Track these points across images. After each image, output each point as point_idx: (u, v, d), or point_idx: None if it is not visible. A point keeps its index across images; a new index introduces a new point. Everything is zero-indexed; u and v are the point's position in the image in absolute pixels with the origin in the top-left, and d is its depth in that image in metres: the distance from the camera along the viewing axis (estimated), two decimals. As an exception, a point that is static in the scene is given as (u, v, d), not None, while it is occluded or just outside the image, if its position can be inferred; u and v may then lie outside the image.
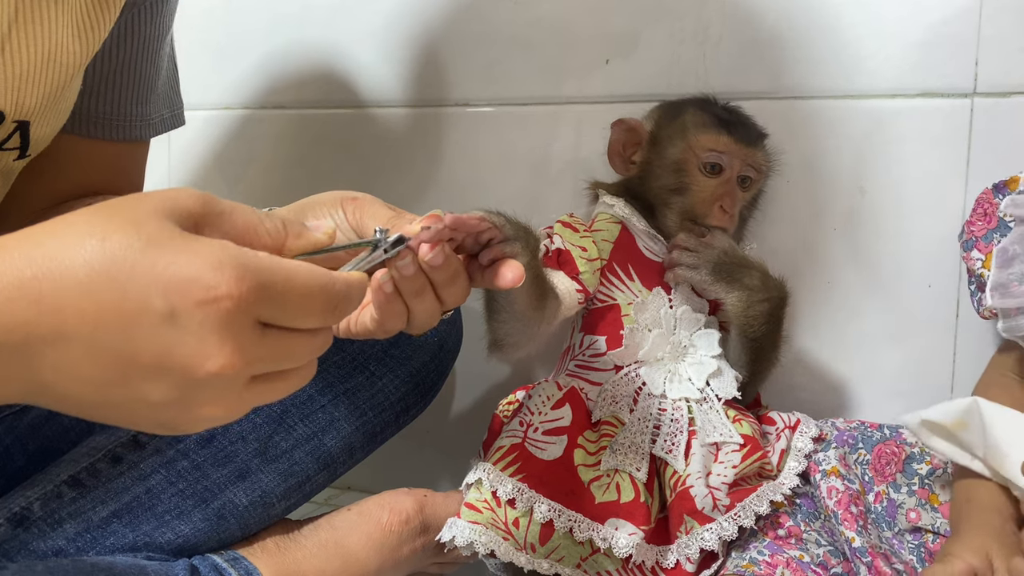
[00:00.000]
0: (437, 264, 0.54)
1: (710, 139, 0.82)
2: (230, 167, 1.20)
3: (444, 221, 0.54)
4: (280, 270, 0.43)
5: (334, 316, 0.46)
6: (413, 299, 0.56)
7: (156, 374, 0.42)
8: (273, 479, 0.76)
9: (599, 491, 0.74)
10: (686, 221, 0.82)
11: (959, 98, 0.87)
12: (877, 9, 0.88)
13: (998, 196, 0.68)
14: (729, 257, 0.79)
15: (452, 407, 1.09)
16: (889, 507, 0.73)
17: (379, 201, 0.59)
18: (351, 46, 1.10)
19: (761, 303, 0.78)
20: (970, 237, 0.67)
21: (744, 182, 0.84)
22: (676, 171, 0.82)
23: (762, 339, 0.80)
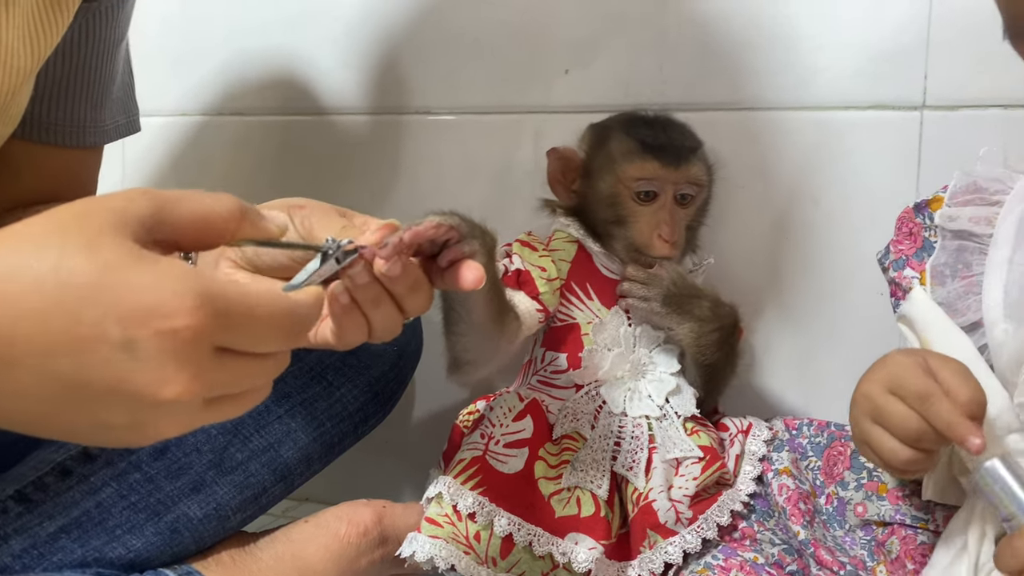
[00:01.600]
0: (395, 275, 0.52)
1: (637, 168, 0.79)
2: (187, 174, 1.17)
3: (401, 236, 0.52)
4: (240, 297, 0.42)
5: (294, 341, 0.45)
6: (371, 309, 0.54)
7: (111, 400, 0.40)
8: (228, 491, 0.74)
9: (559, 505, 0.73)
10: (632, 251, 0.81)
11: (909, 111, 0.87)
12: (830, 23, 0.89)
13: (919, 215, 0.67)
14: (678, 288, 0.78)
15: (412, 416, 1.08)
16: (839, 506, 0.74)
17: (327, 206, 0.57)
18: (311, 52, 1.08)
19: (712, 332, 0.78)
20: (899, 256, 0.67)
21: (684, 199, 0.81)
22: (611, 204, 0.81)
23: (715, 364, 0.79)
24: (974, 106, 0.85)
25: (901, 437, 0.53)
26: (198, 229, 0.44)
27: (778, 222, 0.92)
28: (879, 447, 0.54)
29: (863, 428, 0.55)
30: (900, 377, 0.53)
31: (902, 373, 0.53)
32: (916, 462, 0.54)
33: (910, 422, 0.52)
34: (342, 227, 0.55)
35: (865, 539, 0.71)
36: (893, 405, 0.53)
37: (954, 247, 0.63)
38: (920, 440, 0.52)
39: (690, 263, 0.85)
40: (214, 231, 0.45)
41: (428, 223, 0.54)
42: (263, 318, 0.42)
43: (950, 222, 0.63)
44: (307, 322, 0.45)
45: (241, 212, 0.46)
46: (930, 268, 0.64)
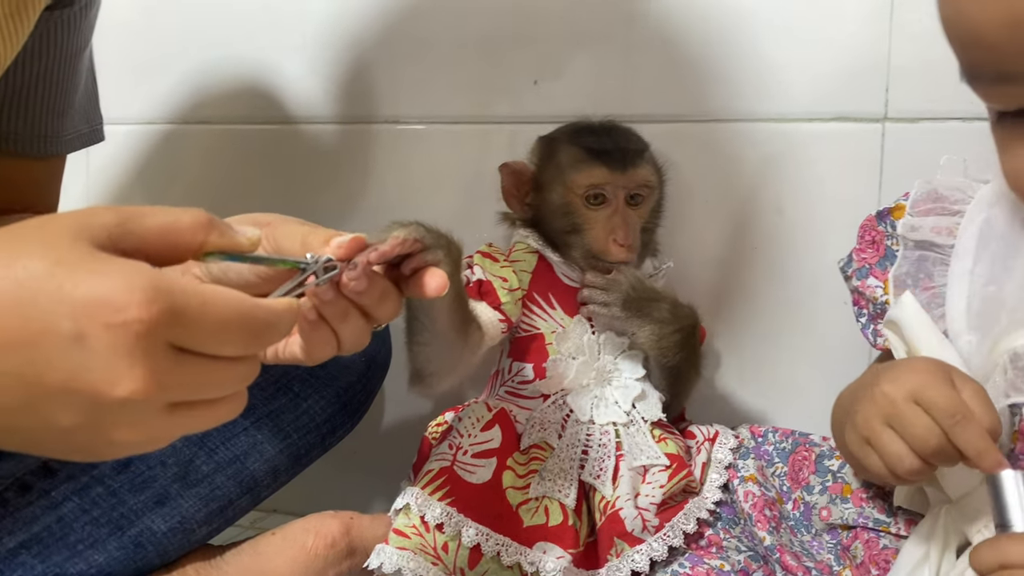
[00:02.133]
0: (361, 290, 0.52)
1: (585, 175, 0.80)
2: (153, 183, 1.16)
3: (368, 257, 0.52)
4: (196, 294, 0.40)
5: (256, 344, 0.43)
6: (339, 323, 0.53)
7: (63, 398, 0.39)
8: (193, 504, 0.73)
9: (527, 515, 0.73)
10: (590, 259, 0.81)
11: (871, 123, 0.88)
12: (793, 36, 0.90)
13: (881, 224, 0.67)
14: (637, 292, 0.78)
15: (381, 427, 1.07)
16: (805, 511, 0.74)
17: (291, 220, 0.56)
18: (278, 61, 1.07)
19: (673, 334, 0.78)
20: (863, 265, 0.66)
21: (635, 200, 0.82)
22: (564, 214, 0.81)
23: (678, 365, 0.80)
24: (934, 118, 0.86)
25: (917, 448, 0.51)
26: (164, 240, 0.43)
27: (743, 231, 0.93)
28: (885, 450, 0.52)
29: (872, 427, 0.53)
30: (928, 388, 0.51)
31: (930, 384, 0.51)
32: (920, 473, 0.52)
33: (931, 437, 0.50)
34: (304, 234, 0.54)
35: (831, 543, 0.71)
36: (917, 416, 0.51)
37: (916, 257, 0.63)
38: (936, 455, 0.50)
39: (651, 267, 0.86)
40: (181, 242, 0.44)
41: (393, 240, 0.53)
42: (220, 316, 0.41)
43: (912, 232, 0.63)
44: (270, 328, 0.43)
45: (209, 223, 0.45)
46: (892, 278, 0.63)
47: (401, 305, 0.56)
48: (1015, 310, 0.55)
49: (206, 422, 0.44)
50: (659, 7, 0.94)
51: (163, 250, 0.43)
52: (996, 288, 0.57)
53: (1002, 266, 0.57)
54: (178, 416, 0.42)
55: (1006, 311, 0.56)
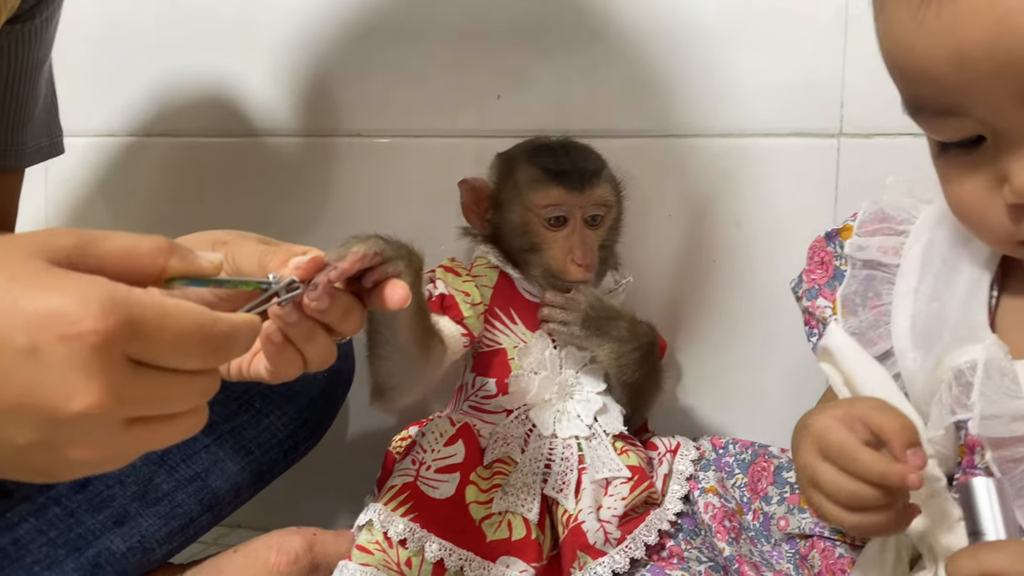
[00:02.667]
0: (323, 308, 0.52)
1: (543, 196, 0.80)
2: (113, 196, 1.14)
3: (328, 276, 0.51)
4: (154, 305, 0.40)
5: (216, 358, 0.43)
6: (305, 344, 0.53)
7: (19, 415, 0.38)
8: (154, 523, 0.72)
9: (490, 529, 0.72)
10: (549, 277, 0.81)
11: (827, 138, 0.90)
12: (751, 54, 0.91)
13: (830, 244, 0.67)
14: (596, 311, 0.78)
15: (346, 441, 1.06)
16: (764, 521, 0.74)
17: (250, 237, 0.55)
18: (241, 73, 1.06)
19: (632, 352, 0.79)
20: (812, 285, 0.67)
21: (594, 220, 0.82)
22: (523, 233, 0.81)
23: (638, 381, 0.80)
24: (888, 134, 0.88)
25: (839, 502, 0.51)
26: (123, 264, 0.43)
27: (703, 245, 0.94)
28: (823, 512, 0.53)
29: (809, 496, 0.54)
30: (824, 438, 0.51)
31: (824, 434, 0.51)
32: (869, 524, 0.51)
33: (840, 489, 0.50)
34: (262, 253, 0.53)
35: (790, 552, 0.72)
36: (826, 471, 0.51)
37: (863, 276, 0.63)
38: (853, 501, 0.50)
39: (611, 281, 0.86)
40: (140, 267, 0.43)
41: (352, 257, 0.53)
42: (179, 329, 0.40)
43: (859, 252, 0.63)
44: (229, 341, 0.43)
45: (170, 248, 0.44)
46: (841, 298, 0.63)
47: (364, 319, 0.56)
48: (957, 327, 0.56)
49: (166, 438, 0.43)
50: (620, 24, 0.94)
51: (122, 275, 0.42)
52: (939, 305, 0.57)
53: (945, 284, 0.58)
54: (136, 432, 0.41)
55: (948, 328, 0.56)
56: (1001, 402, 0.51)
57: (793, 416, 0.93)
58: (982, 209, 0.51)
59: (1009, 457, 0.51)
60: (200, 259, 0.45)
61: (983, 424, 0.51)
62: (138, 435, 0.41)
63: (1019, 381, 0.51)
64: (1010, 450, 0.51)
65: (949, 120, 0.49)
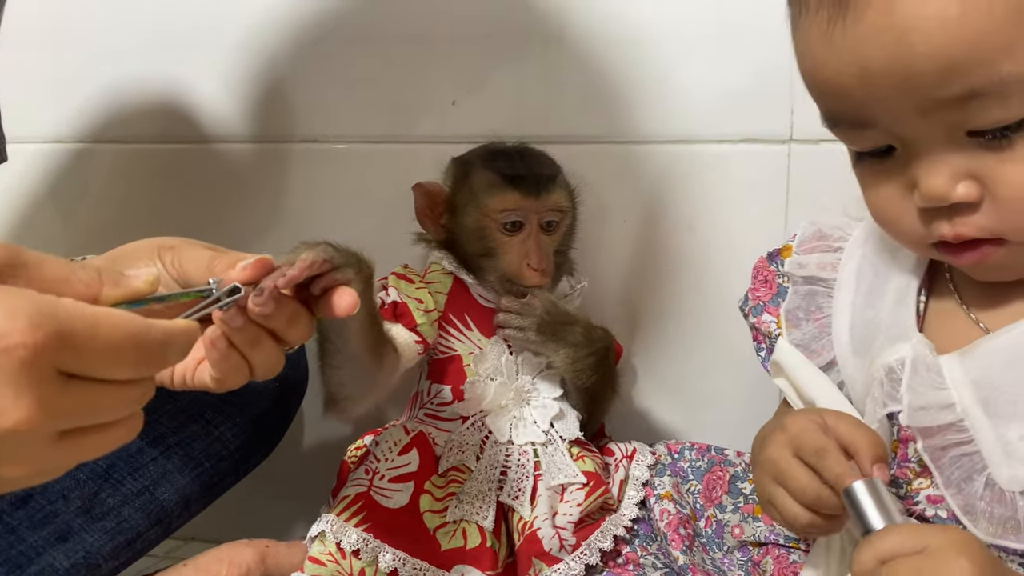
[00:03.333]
0: (268, 313, 0.50)
1: (499, 200, 0.79)
2: (62, 203, 1.11)
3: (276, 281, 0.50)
4: (84, 316, 0.38)
5: (150, 367, 0.41)
6: (250, 350, 0.52)
7: None
8: (99, 538, 0.69)
9: (445, 538, 0.71)
10: (505, 282, 0.80)
11: (777, 144, 0.90)
12: (702, 61, 0.91)
13: (772, 263, 0.70)
14: (551, 316, 0.78)
15: (302, 451, 1.04)
16: (718, 529, 0.75)
17: (197, 244, 0.54)
18: (192, 79, 1.04)
19: (587, 357, 0.78)
20: (757, 303, 0.69)
21: (549, 226, 0.81)
22: (479, 238, 0.80)
23: (594, 386, 0.80)
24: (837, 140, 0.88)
25: (802, 500, 0.52)
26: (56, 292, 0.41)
27: (657, 250, 0.94)
28: (781, 510, 0.54)
29: (768, 490, 0.55)
30: (800, 438, 0.53)
31: (802, 434, 0.53)
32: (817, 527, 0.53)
33: (809, 488, 0.52)
34: (210, 259, 0.52)
35: (742, 560, 0.72)
36: (795, 468, 0.53)
37: (805, 291, 0.65)
38: (818, 502, 0.52)
39: (567, 286, 0.85)
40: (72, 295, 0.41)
41: (301, 264, 0.52)
42: (111, 339, 0.39)
43: (799, 269, 0.66)
44: (165, 349, 0.42)
45: (99, 278, 0.43)
46: (784, 313, 0.66)
47: (313, 326, 0.55)
48: (888, 329, 0.58)
49: (100, 448, 0.42)
50: (575, 31, 0.94)
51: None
52: (874, 313, 0.60)
53: (878, 292, 0.60)
54: (69, 444, 0.40)
55: (881, 331, 0.58)
56: (927, 394, 0.53)
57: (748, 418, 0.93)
58: (898, 214, 0.53)
59: (937, 446, 0.53)
60: (133, 280, 0.44)
61: (912, 415, 0.53)
62: (71, 447, 0.40)
63: (943, 374, 0.53)
64: (937, 439, 0.53)
65: (861, 132, 0.52)
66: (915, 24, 0.46)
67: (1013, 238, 0.51)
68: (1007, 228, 0.50)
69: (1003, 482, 0.50)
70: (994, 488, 0.51)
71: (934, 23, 0.46)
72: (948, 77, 0.46)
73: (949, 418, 0.52)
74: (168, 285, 0.53)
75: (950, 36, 0.45)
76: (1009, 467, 0.50)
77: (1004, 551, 0.52)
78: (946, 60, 0.46)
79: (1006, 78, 0.46)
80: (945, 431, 0.52)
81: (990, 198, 0.49)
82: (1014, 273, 0.54)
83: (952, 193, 0.49)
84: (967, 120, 0.48)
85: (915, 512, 0.56)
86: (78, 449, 0.40)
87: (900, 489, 0.56)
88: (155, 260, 0.53)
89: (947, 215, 0.51)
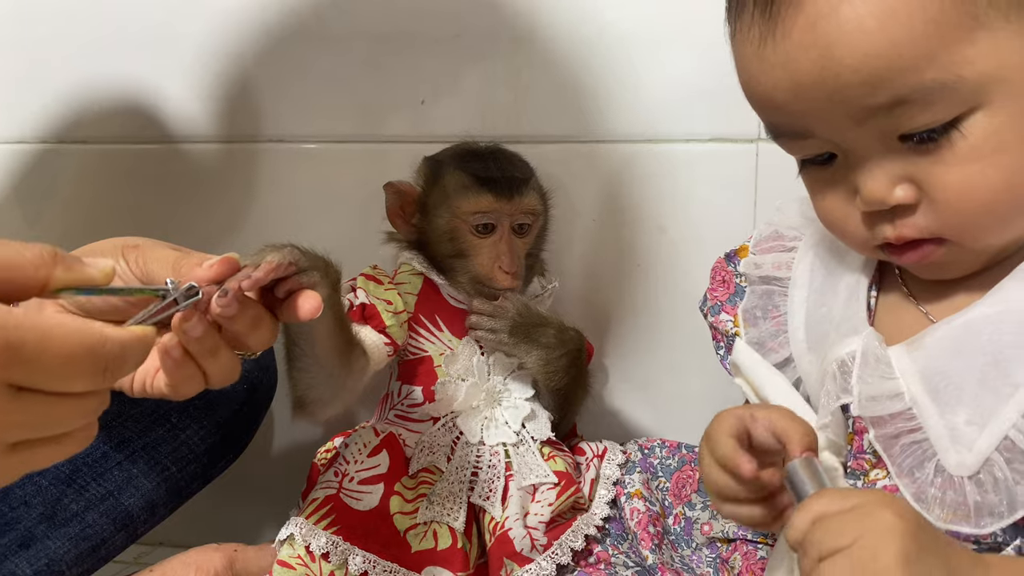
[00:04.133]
0: (231, 315, 0.49)
1: (472, 203, 0.78)
2: (29, 204, 1.09)
3: (240, 283, 0.49)
4: (34, 328, 0.37)
5: (105, 378, 0.40)
6: (207, 359, 0.50)
7: None
8: (63, 545, 0.68)
9: (415, 540, 0.71)
10: (476, 284, 0.79)
11: (745, 143, 0.90)
12: (671, 61, 0.91)
13: (730, 264, 0.71)
14: (524, 318, 0.77)
15: (271, 453, 1.03)
16: (686, 526, 0.75)
17: (162, 244, 0.53)
18: (158, 79, 1.02)
19: (560, 358, 0.78)
20: (715, 303, 0.70)
21: (522, 228, 0.81)
22: (450, 239, 0.80)
23: (566, 387, 0.79)
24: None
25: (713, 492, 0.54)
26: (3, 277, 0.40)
27: (628, 249, 0.94)
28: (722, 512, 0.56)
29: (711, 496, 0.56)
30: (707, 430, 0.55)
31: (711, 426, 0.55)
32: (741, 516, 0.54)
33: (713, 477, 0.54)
34: (176, 259, 0.51)
35: (710, 556, 0.72)
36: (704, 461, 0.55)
37: (761, 291, 0.66)
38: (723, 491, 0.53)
39: (538, 286, 0.85)
40: (22, 278, 0.40)
41: (266, 266, 0.51)
42: (62, 351, 0.38)
43: (755, 269, 0.67)
44: (119, 360, 0.40)
45: (53, 259, 0.41)
46: (741, 312, 0.67)
47: (276, 331, 0.54)
48: (840, 324, 0.59)
49: (52, 458, 0.41)
50: (543, 30, 0.93)
51: (2, 286, 0.39)
52: (827, 310, 0.61)
53: (830, 290, 0.62)
54: (20, 456, 0.39)
55: (833, 327, 0.59)
56: (877, 384, 0.54)
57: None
58: (843, 218, 0.55)
59: (889, 435, 0.54)
60: (88, 268, 0.42)
61: (863, 405, 0.54)
62: (22, 459, 0.39)
63: (892, 365, 0.54)
64: (889, 428, 0.54)
65: (801, 141, 0.54)
66: (838, 38, 0.48)
67: (952, 237, 0.52)
68: (945, 228, 0.52)
69: (951, 467, 0.51)
70: (944, 474, 0.51)
71: (856, 36, 0.48)
72: (873, 86, 0.48)
73: (898, 407, 0.53)
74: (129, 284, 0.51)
75: (872, 48, 0.47)
76: (956, 452, 0.51)
77: (957, 536, 0.52)
78: (870, 71, 0.48)
79: (928, 84, 0.48)
80: (895, 420, 0.53)
81: (927, 200, 0.51)
82: (957, 270, 0.55)
83: (890, 197, 0.51)
84: (897, 126, 0.49)
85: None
86: (29, 460, 0.39)
87: (858, 481, 0.57)
88: (119, 259, 0.51)
89: (889, 218, 0.53)
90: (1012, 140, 0.49)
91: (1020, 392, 0.49)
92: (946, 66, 0.47)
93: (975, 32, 0.47)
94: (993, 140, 0.49)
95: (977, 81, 0.48)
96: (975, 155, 0.49)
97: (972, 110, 0.49)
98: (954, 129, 0.49)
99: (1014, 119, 0.49)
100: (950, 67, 0.47)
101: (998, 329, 0.51)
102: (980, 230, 0.52)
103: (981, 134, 0.49)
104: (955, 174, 0.50)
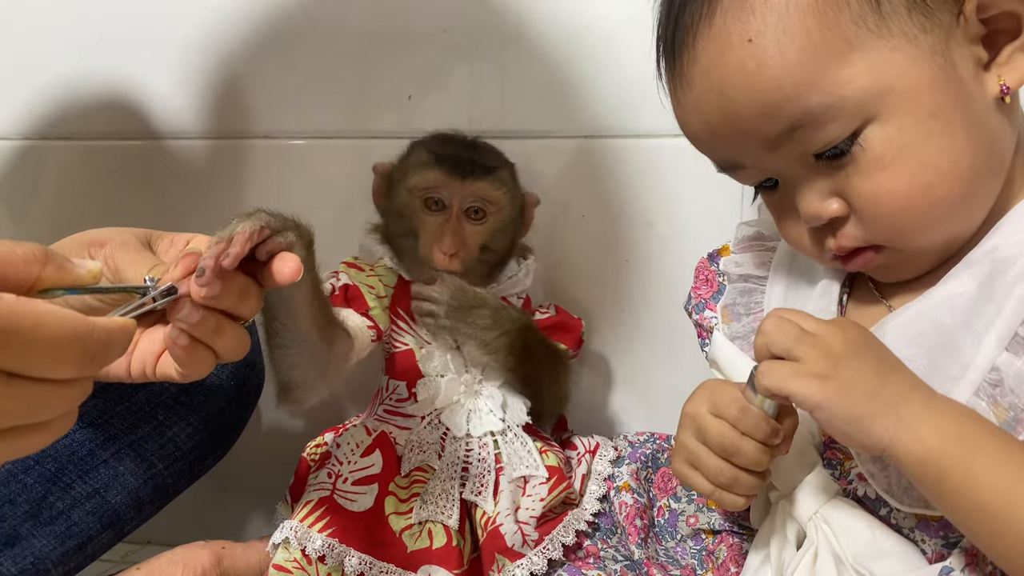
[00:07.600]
0: (214, 295, 0.48)
1: (422, 177, 0.77)
2: (14, 202, 1.07)
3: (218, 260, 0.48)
4: (27, 315, 0.37)
5: (92, 366, 0.40)
6: (214, 339, 0.50)
7: None
8: (48, 543, 0.66)
9: (411, 540, 0.70)
10: (420, 266, 0.78)
11: (733, 138, 0.90)
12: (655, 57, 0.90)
13: (713, 263, 0.72)
14: (459, 300, 0.75)
15: (258, 448, 1.01)
16: (671, 518, 0.75)
17: (130, 238, 0.52)
18: (143, 75, 1.01)
19: (498, 338, 0.76)
20: (699, 300, 0.71)
21: (476, 214, 0.79)
22: (402, 215, 0.79)
23: (521, 368, 0.77)
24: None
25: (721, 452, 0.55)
26: None
27: (616, 244, 0.93)
28: (704, 465, 0.56)
29: (689, 446, 0.57)
30: (715, 395, 0.56)
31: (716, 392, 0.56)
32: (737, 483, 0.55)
33: (725, 438, 0.54)
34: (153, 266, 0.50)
35: (695, 548, 0.72)
36: (713, 423, 0.55)
37: (741, 288, 0.68)
38: (736, 454, 0.54)
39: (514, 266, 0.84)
40: (12, 275, 0.41)
41: (240, 238, 0.50)
42: (53, 338, 0.38)
43: (736, 267, 0.69)
44: (105, 348, 0.40)
45: (44, 257, 0.42)
46: (720, 308, 0.68)
47: (262, 297, 0.53)
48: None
49: (34, 445, 0.40)
50: (531, 26, 0.93)
51: None
52: (800, 305, 0.62)
53: (806, 288, 0.64)
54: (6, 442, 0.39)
55: None
56: None
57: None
58: (798, 235, 0.59)
59: None
60: (77, 268, 0.43)
61: None
62: (7, 445, 0.38)
63: None
64: None
65: (740, 171, 0.58)
66: (727, 81, 0.52)
67: (885, 242, 0.55)
68: (876, 235, 0.55)
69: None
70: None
71: (740, 78, 0.52)
72: (768, 116, 0.52)
73: None
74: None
75: (756, 85, 0.51)
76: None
77: (926, 519, 0.53)
78: (759, 105, 0.52)
79: (814, 108, 0.51)
80: None
81: (854, 211, 0.54)
82: (909, 270, 0.58)
83: (824, 211, 0.55)
84: (804, 148, 0.53)
85: (849, 491, 0.57)
86: (13, 447, 0.39)
87: (834, 470, 0.58)
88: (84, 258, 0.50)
89: (830, 231, 0.56)
90: (911, 143, 0.51)
91: (969, 372, 0.51)
92: (826, 89, 0.50)
93: (850, 54, 0.50)
94: (892, 147, 0.51)
95: (860, 98, 0.51)
96: (880, 164, 0.52)
97: (866, 123, 0.51)
98: (855, 143, 0.52)
99: (908, 124, 0.51)
100: (831, 89, 0.50)
101: (941, 314, 0.53)
102: (908, 231, 0.54)
103: (879, 143, 0.51)
104: (868, 184, 0.52)
